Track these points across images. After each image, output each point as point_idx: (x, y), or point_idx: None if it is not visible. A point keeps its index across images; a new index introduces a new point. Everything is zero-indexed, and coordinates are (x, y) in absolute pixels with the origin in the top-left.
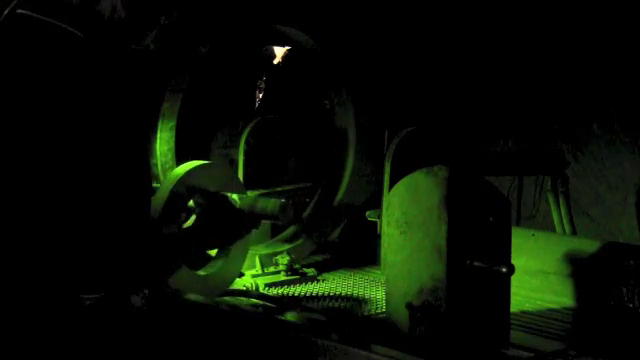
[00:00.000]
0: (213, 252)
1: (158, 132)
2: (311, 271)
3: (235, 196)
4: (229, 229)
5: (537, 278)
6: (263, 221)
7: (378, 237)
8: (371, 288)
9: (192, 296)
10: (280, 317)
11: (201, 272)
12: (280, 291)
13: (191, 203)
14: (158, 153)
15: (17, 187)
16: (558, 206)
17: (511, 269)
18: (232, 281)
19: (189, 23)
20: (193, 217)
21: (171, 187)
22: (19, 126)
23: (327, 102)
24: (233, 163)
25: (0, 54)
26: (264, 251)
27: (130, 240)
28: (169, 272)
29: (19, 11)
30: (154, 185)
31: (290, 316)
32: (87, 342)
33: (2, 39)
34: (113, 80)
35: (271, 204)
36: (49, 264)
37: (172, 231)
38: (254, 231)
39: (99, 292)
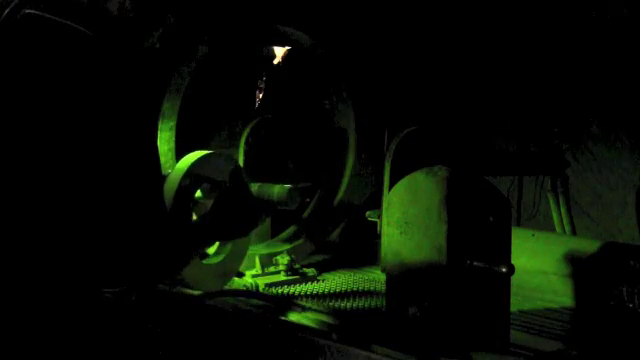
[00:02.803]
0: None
1: (158, 132)
2: (311, 271)
3: None
4: (245, 216)
5: (537, 278)
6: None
7: (378, 237)
8: (371, 288)
9: (191, 295)
10: (280, 317)
11: (207, 261)
12: (280, 291)
13: (198, 194)
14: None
15: (37, 185)
16: (558, 206)
17: (511, 269)
18: (237, 269)
19: (192, 22)
20: (206, 207)
21: (179, 179)
22: (35, 124)
23: (327, 102)
24: None
25: (3, 52)
26: (264, 251)
27: (146, 234)
28: (184, 263)
29: (27, 11)
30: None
31: (290, 316)
32: (107, 335)
33: (7, 38)
34: (122, 78)
35: (278, 190)
36: (70, 260)
37: (184, 222)
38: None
39: (120, 286)
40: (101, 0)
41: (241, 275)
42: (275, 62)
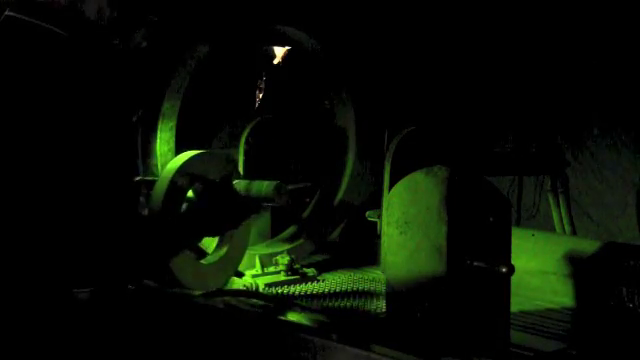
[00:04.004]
0: (212, 245)
1: (158, 132)
2: (311, 271)
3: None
4: (231, 213)
5: (537, 278)
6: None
7: (378, 237)
8: (371, 288)
9: (190, 295)
10: (280, 317)
11: (204, 261)
12: (280, 291)
13: (190, 193)
14: (158, 153)
15: (9, 186)
16: (558, 206)
17: (511, 269)
18: (236, 268)
19: (182, 21)
20: (191, 202)
21: (170, 177)
22: (8, 126)
23: (327, 102)
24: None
25: None
26: (264, 251)
27: (123, 232)
28: (167, 260)
29: (7, 13)
30: (153, 178)
31: (290, 316)
32: (82, 336)
33: None
34: (101, 78)
35: (265, 186)
36: (40, 260)
37: (170, 219)
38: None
39: (92, 285)
40: (78, 2)
41: (241, 275)
42: (275, 62)
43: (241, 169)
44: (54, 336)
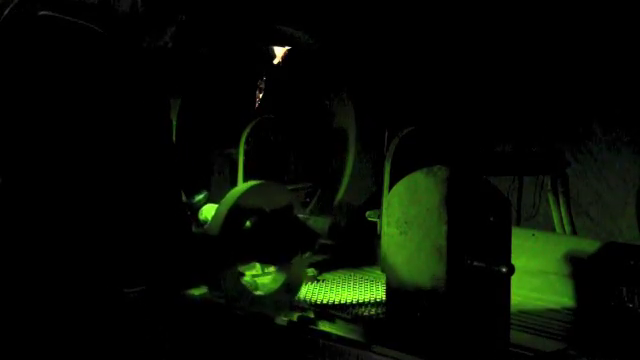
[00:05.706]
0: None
1: None
2: (311, 271)
3: None
4: (287, 245)
5: (537, 278)
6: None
7: (378, 237)
8: (371, 288)
9: (192, 294)
10: (280, 317)
11: (260, 290)
12: None
13: (248, 224)
14: None
15: (65, 184)
16: (558, 206)
17: (511, 269)
18: (293, 299)
19: (204, 21)
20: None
21: (226, 212)
22: (53, 124)
23: (327, 102)
24: (233, 163)
25: (7, 52)
26: None
27: (169, 239)
28: (216, 272)
29: (41, 13)
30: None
31: (290, 316)
32: (131, 333)
33: (9, 36)
34: (136, 77)
35: (321, 223)
36: (94, 259)
37: (225, 248)
38: None
39: (141, 285)
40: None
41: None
42: (275, 62)
43: (241, 170)
44: (104, 333)
